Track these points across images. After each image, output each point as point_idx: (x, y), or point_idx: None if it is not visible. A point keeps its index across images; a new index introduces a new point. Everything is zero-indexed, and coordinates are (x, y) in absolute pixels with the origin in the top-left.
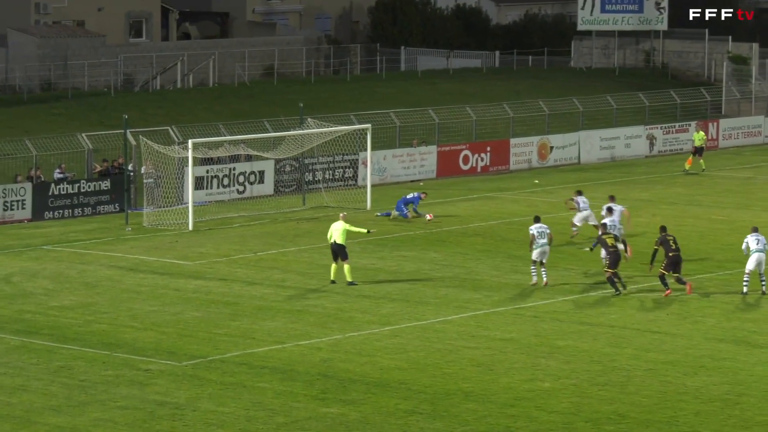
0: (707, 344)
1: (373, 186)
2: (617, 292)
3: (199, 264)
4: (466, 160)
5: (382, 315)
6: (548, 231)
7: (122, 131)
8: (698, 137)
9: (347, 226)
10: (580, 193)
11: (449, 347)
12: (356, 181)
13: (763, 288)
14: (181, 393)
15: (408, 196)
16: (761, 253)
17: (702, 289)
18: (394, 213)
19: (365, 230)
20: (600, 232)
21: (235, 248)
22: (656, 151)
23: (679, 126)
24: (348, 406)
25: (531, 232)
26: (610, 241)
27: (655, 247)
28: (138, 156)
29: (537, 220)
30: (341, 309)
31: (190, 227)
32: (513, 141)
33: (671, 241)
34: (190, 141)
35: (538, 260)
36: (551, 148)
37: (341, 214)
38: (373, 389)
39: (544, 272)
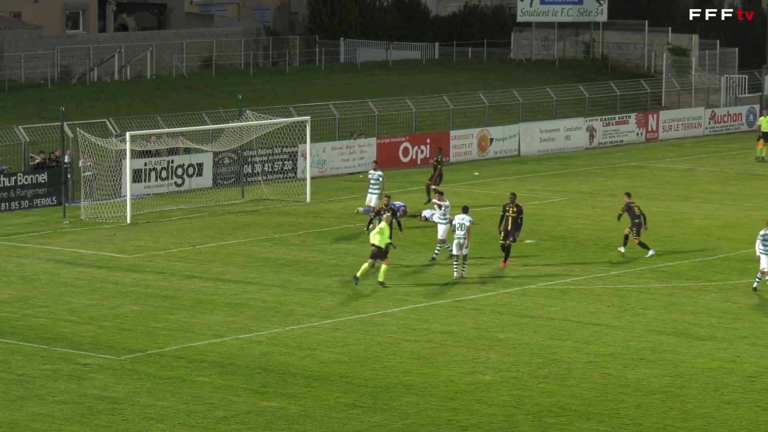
0: (648, 336)
1: (312, 178)
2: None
3: (137, 257)
4: (405, 152)
5: (322, 308)
6: (468, 224)
7: (59, 124)
8: (766, 121)
9: (383, 227)
10: (375, 165)
11: (389, 340)
12: (295, 173)
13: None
14: (119, 387)
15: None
16: (764, 255)
17: (643, 281)
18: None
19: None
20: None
21: (174, 241)
22: (596, 143)
23: (619, 118)
24: (288, 399)
25: (453, 222)
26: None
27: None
28: (75, 149)
29: (465, 210)
30: (281, 302)
31: (128, 220)
32: (453, 133)
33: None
34: (127, 133)
35: (457, 253)
36: (491, 140)
37: (384, 215)
38: (313, 383)
39: (464, 265)
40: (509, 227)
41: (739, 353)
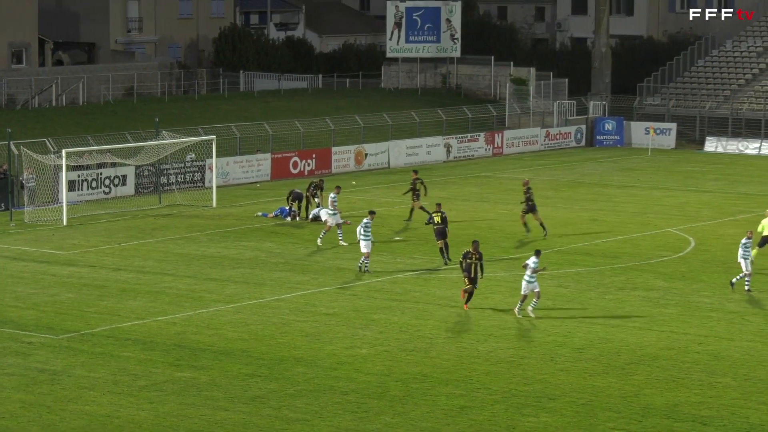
0: (495, 316)
1: (218, 187)
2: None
3: (72, 253)
4: (295, 165)
5: (227, 295)
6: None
7: (6, 143)
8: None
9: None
10: (339, 190)
11: (283, 321)
12: (204, 183)
13: (746, 286)
14: (58, 362)
15: (284, 207)
16: (744, 260)
17: (491, 270)
18: (271, 215)
19: None
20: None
21: (103, 240)
22: (452, 157)
23: (470, 136)
24: (199, 371)
25: (524, 265)
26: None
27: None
28: (20, 163)
29: (537, 254)
30: (192, 290)
31: (65, 223)
32: (334, 149)
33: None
34: (63, 150)
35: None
36: (366, 155)
37: None
38: (219, 357)
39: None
40: (472, 273)
41: (570, 329)
